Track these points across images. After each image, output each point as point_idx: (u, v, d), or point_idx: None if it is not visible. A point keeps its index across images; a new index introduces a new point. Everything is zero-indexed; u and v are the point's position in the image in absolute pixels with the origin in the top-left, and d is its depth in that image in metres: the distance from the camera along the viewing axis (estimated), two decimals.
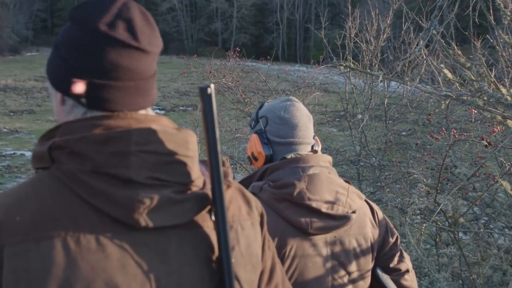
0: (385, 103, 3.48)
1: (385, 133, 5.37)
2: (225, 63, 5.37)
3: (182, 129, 1.09)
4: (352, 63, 5.37)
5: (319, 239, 1.73)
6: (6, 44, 47.35)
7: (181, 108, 22.61)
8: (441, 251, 4.01)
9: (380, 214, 1.93)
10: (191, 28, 59.80)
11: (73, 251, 0.94)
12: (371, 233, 1.86)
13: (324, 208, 1.70)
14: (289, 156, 1.79)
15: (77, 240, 0.95)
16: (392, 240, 1.94)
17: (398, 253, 1.94)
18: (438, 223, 3.45)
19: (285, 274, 1.54)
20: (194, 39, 59.16)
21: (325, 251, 1.74)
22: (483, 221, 4.60)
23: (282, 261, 1.66)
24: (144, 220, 0.99)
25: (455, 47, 3.03)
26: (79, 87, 1.03)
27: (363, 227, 1.83)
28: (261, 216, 1.24)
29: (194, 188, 1.07)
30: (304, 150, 1.84)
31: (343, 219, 1.75)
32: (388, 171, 4.58)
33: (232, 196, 1.18)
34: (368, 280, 1.85)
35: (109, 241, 0.98)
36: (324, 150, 7.78)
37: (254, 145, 1.84)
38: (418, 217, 3.85)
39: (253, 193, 1.68)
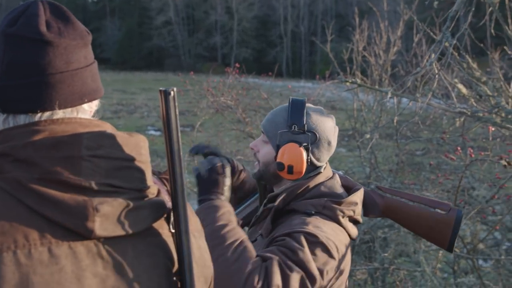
0: (395, 121, 3.49)
1: (396, 153, 5.37)
2: (223, 80, 5.38)
3: (134, 134, 1.11)
4: (360, 78, 5.41)
5: None
6: None
7: None
8: (459, 280, 3.99)
9: None
10: (189, 42, 60.18)
11: (24, 265, 0.94)
12: None
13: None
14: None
15: (28, 253, 0.95)
16: None
17: None
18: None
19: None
20: (191, 55, 59.50)
21: None
22: (504, 247, 4.58)
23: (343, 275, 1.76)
24: (98, 229, 0.99)
25: (469, 60, 3.04)
26: None
27: None
28: None
29: (150, 195, 1.09)
30: None
31: None
32: None
33: None
34: None
35: (62, 252, 0.97)
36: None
37: (297, 159, 1.80)
38: None
39: (316, 212, 1.76)
